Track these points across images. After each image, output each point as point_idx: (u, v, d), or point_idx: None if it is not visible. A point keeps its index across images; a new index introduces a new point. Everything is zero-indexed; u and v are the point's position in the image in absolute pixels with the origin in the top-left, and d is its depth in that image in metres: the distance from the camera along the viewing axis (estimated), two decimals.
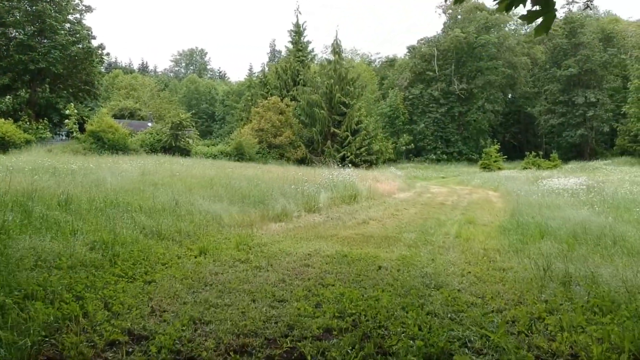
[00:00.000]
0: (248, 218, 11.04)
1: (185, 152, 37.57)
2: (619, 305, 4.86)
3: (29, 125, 36.70)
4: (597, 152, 63.68)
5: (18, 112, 41.77)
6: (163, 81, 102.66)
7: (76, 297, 4.88)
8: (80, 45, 44.65)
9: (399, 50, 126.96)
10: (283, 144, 45.18)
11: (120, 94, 76.17)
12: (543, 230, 9.81)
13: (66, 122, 38.99)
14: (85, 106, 47.95)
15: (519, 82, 71.77)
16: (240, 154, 40.97)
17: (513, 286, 6.07)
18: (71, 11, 45.92)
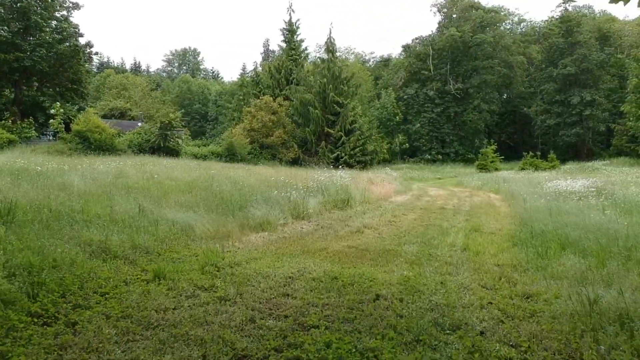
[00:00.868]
0: (225, 228, 9.57)
1: (174, 153, 36.36)
2: None
3: (13, 124, 35.28)
4: (594, 152, 62.96)
5: (3, 112, 40.33)
6: (155, 81, 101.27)
7: None
8: (67, 43, 43.19)
9: (394, 49, 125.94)
10: (275, 144, 43.99)
11: (110, 93, 74.75)
12: (563, 240, 8.58)
13: (51, 121, 37.56)
14: (74, 105, 46.37)
15: (515, 82, 70.90)
16: (231, 155, 39.82)
17: (552, 326, 4.74)
18: (58, 8, 44.60)
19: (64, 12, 44.92)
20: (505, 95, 75.86)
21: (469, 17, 68.42)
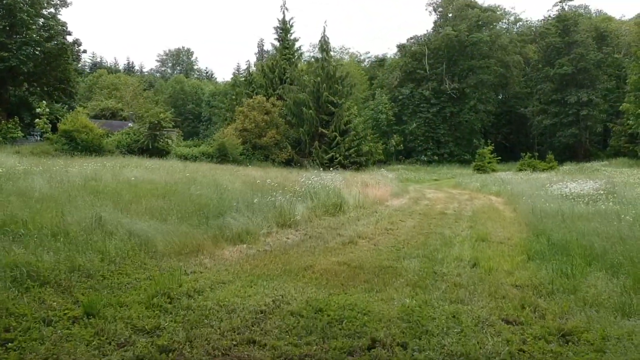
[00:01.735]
0: (194, 241, 8.18)
1: (164, 154, 35.47)
2: None
3: None
4: (591, 152, 62.41)
5: None
6: (148, 81, 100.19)
7: None
8: (55, 42, 42.14)
9: (389, 49, 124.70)
10: (268, 145, 43.03)
11: (101, 93, 73.70)
12: (586, 253, 7.54)
13: (37, 121, 36.58)
14: (64, 105, 45.34)
15: (512, 82, 70.19)
16: (223, 155, 38.90)
17: None
18: (45, 5, 43.53)
19: (52, 10, 43.94)
20: (501, 95, 75.12)
21: (465, 16, 67.59)
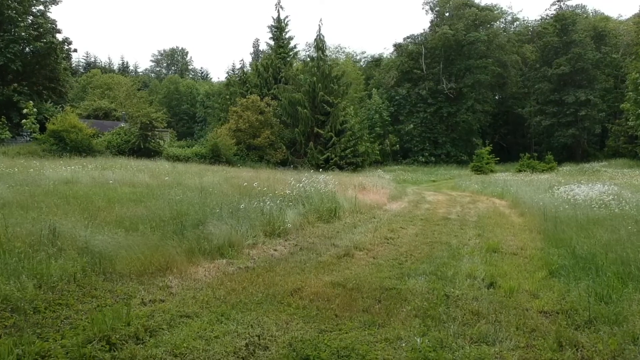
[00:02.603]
0: (164, 256, 6.91)
1: (155, 154, 34.65)
2: None
3: None
4: (589, 153, 61.75)
5: None
6: (143, 81, 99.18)
7: None
8: (44, 40, 41.17)
9: (386, 48, 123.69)
10: (263, 146, 42.19)
11: (94, 93, 72.77)
12: (619, 270, 6.57)
13: (24, 121, 35.69)
14: (55, 105, 44.40)
15: (509, 82, 69.48)
16: (216, 156, 38.13)
17: None
18: (34, 3, 42.51)
19: (41, 7, 42.96)
20: (498, 95, 74.37)
21: (462, 15, 66.81)
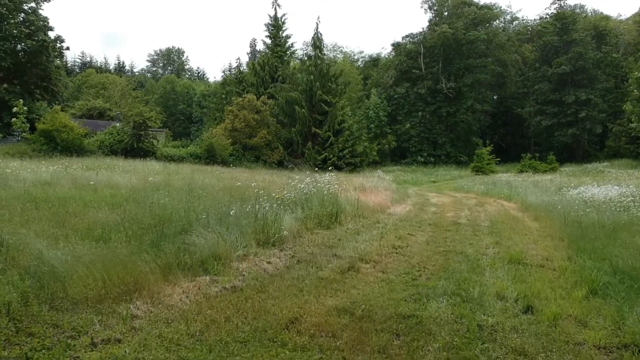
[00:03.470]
0: (134, 274, 5.68)
1: (149, 154, 33.93)
2: None
3: None
4: (589, 153, 61.10)
5: None
6: (139, 81, 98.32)
7: None
8: (36, 38, 40.29)
9: (384, 48, 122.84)
10: (259, 146, 41.34)
11: (89, 93, 71.98)
12: None
13: (13, 120, 34.81)
14: (49, 104, 43.44)
15: (509, 82, 68.76)
16: (211, 157, 37.36)
17: None
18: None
19: (32, 4, 42.04)
20: (497, 96, 73.65)
21: (461, 13, 66.14)
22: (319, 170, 29.96)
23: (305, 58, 50.32)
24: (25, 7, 41.64)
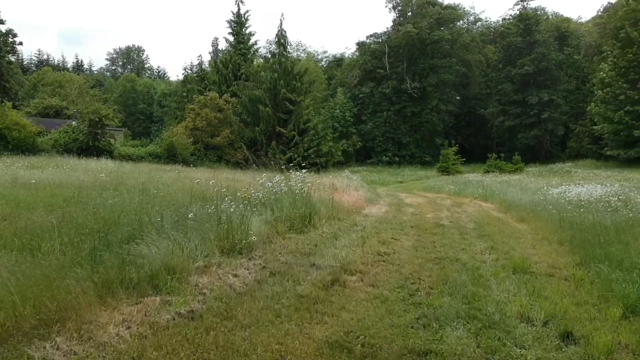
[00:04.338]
0: (58, 299, 4.35)
1: (106, 153, 32.50)
2: None
3: None
4: (552, 154, 61.78)
5: None
6: (97, 80, 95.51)
7: None
8: None
9: (348, 48, 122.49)
10: (222, 145, 40.02)
11: (45, 91, 69.20)
12: None
13: None
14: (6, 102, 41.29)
15: (473, 82, 69.03)
16: (172, 156, 35.98)
17: None
18: None
19: None
20: (460, 96, 73.85)
21: (425, 13, 66.02)
22: (284, 170, 28.99)
23: (269, 56, 49.21)
24: None
